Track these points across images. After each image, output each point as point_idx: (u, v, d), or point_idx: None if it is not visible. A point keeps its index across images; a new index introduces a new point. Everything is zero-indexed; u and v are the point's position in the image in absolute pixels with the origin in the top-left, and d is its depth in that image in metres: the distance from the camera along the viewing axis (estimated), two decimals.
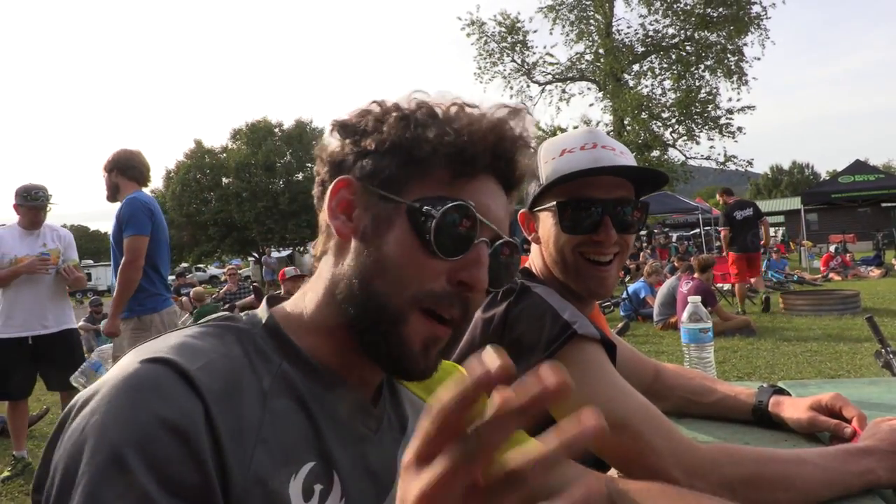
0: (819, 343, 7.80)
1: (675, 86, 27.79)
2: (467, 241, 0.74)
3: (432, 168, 0.75)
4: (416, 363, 0.75)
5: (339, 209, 0.78)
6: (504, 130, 0.77)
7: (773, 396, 1.43)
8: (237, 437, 0.63)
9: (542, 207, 1.32)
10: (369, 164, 0.76)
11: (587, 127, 1.26)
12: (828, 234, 28.14)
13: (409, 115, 0.77)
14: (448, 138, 0.74)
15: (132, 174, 4.07)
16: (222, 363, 0.67)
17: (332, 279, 0.78)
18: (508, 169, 0.80)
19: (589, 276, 1.28)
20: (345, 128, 0.80)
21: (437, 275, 0.73)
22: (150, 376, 0.62)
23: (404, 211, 0.74)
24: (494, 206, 0.78)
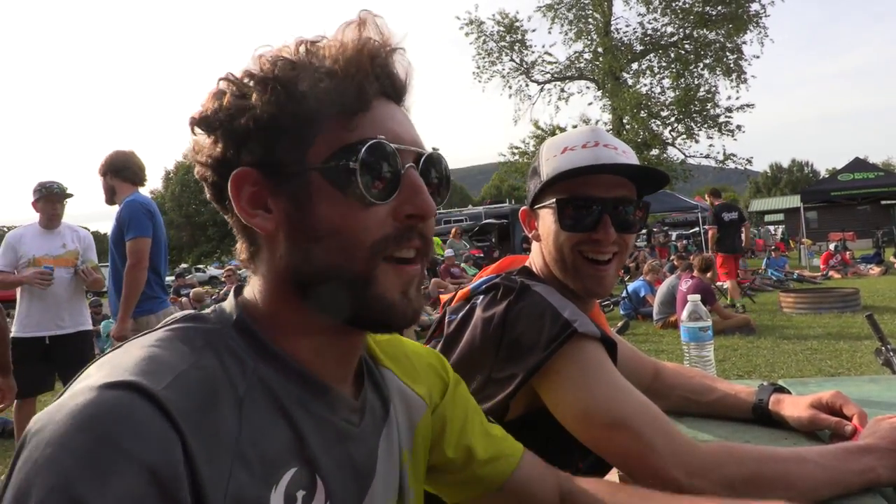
0: (819, 341, 7.80)
1: (673, 84, 27.79)
2: (395, 175, 0.70)
3: (323, 120, 0.69)
4: (402, 312, 0.72)
5: (250, 206, 0.71)
6: (370, 47, 0.71)
7: (774, 395, 1.43)
8: (215, 461, 0.58)
9: (543, 205, 1.32)
10: (256, 146, 0.69)
11: (590, 125, 1.26)
12: (827, 232, 28.15)
13: (269, 78, 0.69)
14: (323, 83, 0.68)
15: (126, 175, 4.05)
16: (194, 375, 0.61)
17: (275, 271, 0.73)
18: (392, 82, 0.74)
19: (587, 274, 1.28)
20: (206, 122, 0.71)
21: (382, 220, 0.70)
22: (115, 406, 0.54)
23: (319, 177, 0.69)
24: (400, 127, 0.73)
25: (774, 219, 48.80)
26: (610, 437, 1.10)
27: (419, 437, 0.92)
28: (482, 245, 19.22)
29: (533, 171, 1.36)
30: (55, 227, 4.65)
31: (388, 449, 0.83)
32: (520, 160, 28.97)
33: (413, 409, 0.91)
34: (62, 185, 4.62)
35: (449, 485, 0.99)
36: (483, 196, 67.05)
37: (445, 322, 1.34)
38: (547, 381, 1.16)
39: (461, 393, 1.02)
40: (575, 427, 1.13)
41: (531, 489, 0.98)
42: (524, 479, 0.98)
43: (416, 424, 0.91)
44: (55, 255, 4.58)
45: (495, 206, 24.33)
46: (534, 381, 1.16)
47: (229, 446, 0.60)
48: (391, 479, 0.83)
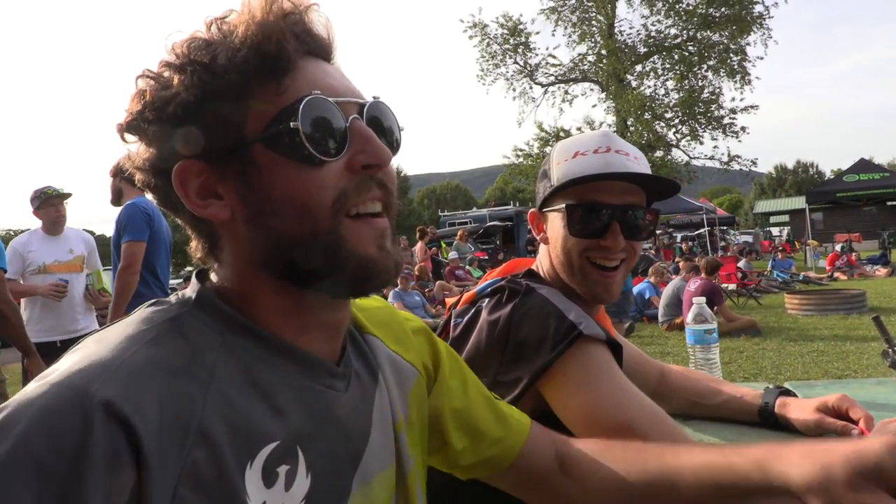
0: (825, 343, 7.78)
1: (677, 86, 27.71)
2: (341, 129, 0.68)
3: (251, 89, 0.66)
4: (382, 266, 0.70)
5: (200, 197, 0.69)
6: (279, 6, 0.67)
7: (780, 398, 1.42)
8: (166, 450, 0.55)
9: (552, 208, 1.32)
10: (190, 135, 0.66)
11: (603, 130, 1.24)
12: (833, 233, 28.03)
13: (186, 62, 0.66)
14: (241, 52, 0.65)
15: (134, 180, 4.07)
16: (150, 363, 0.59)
17: (245, 262, 0.71)
18: (314, 40, 0.72)
19: (594, 280, 1.28)
20: (134, 124, 0.69)
21: (338, 176, 0.68)
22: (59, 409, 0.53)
23: (262, 147, 0.66)
24: (335, 81, 0.71)
25: (780, 220, 48.66)
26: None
27: (414, 403, 0.89)
28: (486, 247, 19.22)
29: (543, 173, 1.36)
30: (60, 231, 4.63)
31: (381, 417, 0.81)
32: (524, 162, 28.91)
33: (404, 376, 0.88)
34: (57, 187, 4.61)
35: (457, 467, 0.98)
36: (487, 198, 67.07)
37: (451, 325, 1.34)
38: (552, 383, 1.15)
39: (457, 369, 1.00)
40: (580, 430, 1.13)
41: (536, 461, 0.98)
42: (530, 452, 0.98)
43: (408, 391, 0.88)
44: (64, 262, 4.57)
45: (499, 209, 24.34)
46: (539, 384, 1.16)
47: (186, 433, 0.57)
48: (387, 447, 0.81)
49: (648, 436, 1.07)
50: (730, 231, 32.48)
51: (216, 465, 0.58)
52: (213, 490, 0.58)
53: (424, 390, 0.93)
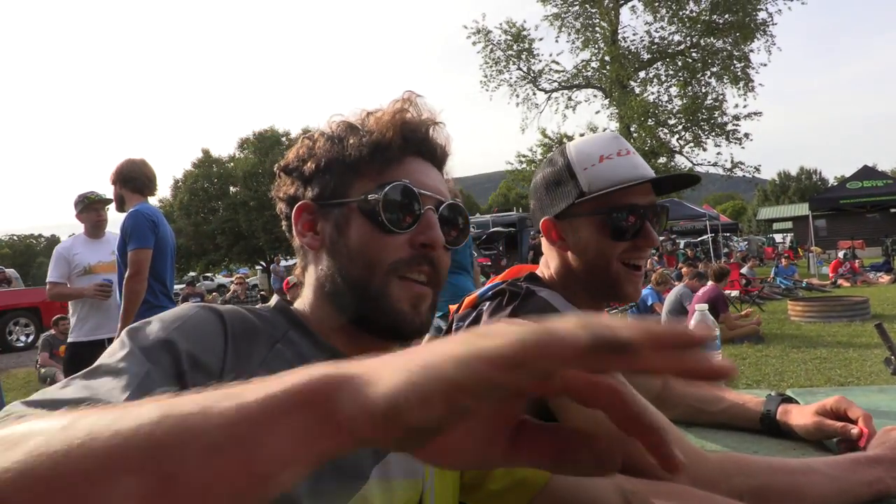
0: (828, 350, 7.76)
1: (681, 92, 27.77)
2: (414, 211, 0.87)
3: (363, 167, 0.88)
4: (410, 322, 0.86)
5: (304, 229, 0.92)
6: (403, 115, 0.90)
7: (782, 405, 1.42)
8: (239, 369, 0.76)
9: (580, 215, 1.30)
10: (315, 185, 0.91)
11: (610, 132, 1.25)
12: (836, 240, 28.01)
13: (331, 135, 0.91)
14: (365, 139, 0.88)
15: (135, 186, 4.07)
16: (242, 316, 0.83)
17: (318, 282, 0.91)
18: (426, 145, 0.92)
19: (628, 281, 1.29)
20: (287, 168, 0.94)
21: (400, 247, 0.86)
22: (193, 308, 0.80)
23: (355, 208, 0.87)
24: (428, 178, 0.90)
25: (783, 227, 48.60)
26: None
27: None
28: (489, 253, 19.21)
29: (557, 180, 1.32)
30: (102, 235, 4.76)
31: None
32: (527, 168, 28.93)
33: None
34: (99, 193, 4.69)
35: (494, 493, 0.99)
36: (490, 204, 67.09)
37: (453, 329, 1.35)
38: None
39: None
40: None
41: (581, 487, 0.98)
42: (570, 481, 0.98)
43: None
44: (108, 262, 4.67)
45: (503, 215, 24.34)
46: None
47: (252, 367, 0.77)
48: (412, 462, 0.87)
49: None
50: (732, 237, 32.45)
51: None
52: None
53: None
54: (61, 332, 10.15)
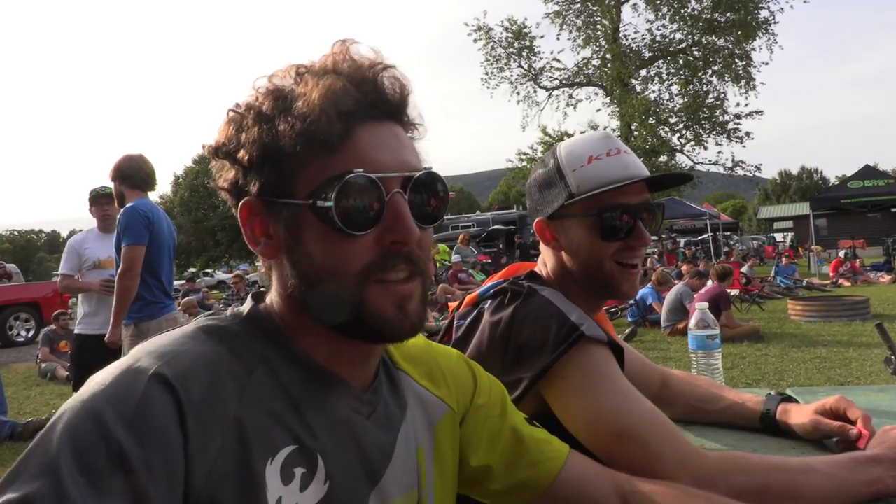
0: (828, 349, 7.76)
1: (682, 91, 27.75)
2: (375, 206, 0.72)
3: (303, 158, 0.73)
4: (398, 326, 0.75)
5: (256, 234, 0.78)
6: (334, 86, 0.72)
7: (781, 404, 1.42)
8: (207, 435, 0.64)
9: (571, 216, 1.29)
10: (255, 178, 0.75)
11: (601, 131, 1.24)
12: (837, 239, 27.99)
13: (258, 112, 0.74)
14: (296, 125, 0.72)
15: (133, 182, 4.06)
16: (200, 359, 0.68)
17: (284, 289, 0.78)
18: (376, 105, 0.76)
19: (624, 279, 1.29)
20: (219, 150, 0.77)
21: (367, 249, 0.73)
22: (132, 388, 0.63)
23: (307, 209, 0.73)
24: (386, 153, 0.75)
25: (783, 226, 48.60)
26: (617, 446, 1.09)
27: (441, 435, 0.93)
28: (490, 251, 19.22)
29: (548, 181, 1.32)
30: (112, 229, 4.72)
31: (406, 444, 0.85)
32: (528, 166, 28.88)
33: (431, 409, 0.93)
34: (109, 189, 4.71)
35: (495, 493, 0.99)
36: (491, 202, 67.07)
37: (454, 327, 1.35)
38: (553, 385, 1.15)
39: (495, 394, 1.03)
40: (581, 434, 1.13)
41: (582, 490, 0.98)
42: (573, 480, 0.97)
43: (435, 423, 0.93)
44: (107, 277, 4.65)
45: (503, 213, 24.36)
46: (540, 385, 1.16)
47: (224, 420, 0.66)
48: (410, 473, 0.85)
49: (649, 441, 1.07)
50: (732, 236, 32.44)
51: (244, 455, 0.66)
52: (238, 478, 0.65)
53: (456, 423, 0.96)
54: (62, 327, 10.16)
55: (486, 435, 0.97)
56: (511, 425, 1.00)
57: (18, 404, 7.37)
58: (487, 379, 1.04)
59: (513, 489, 0.98)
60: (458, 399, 0.98)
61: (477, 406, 0.99)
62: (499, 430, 0.98)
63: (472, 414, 0.98)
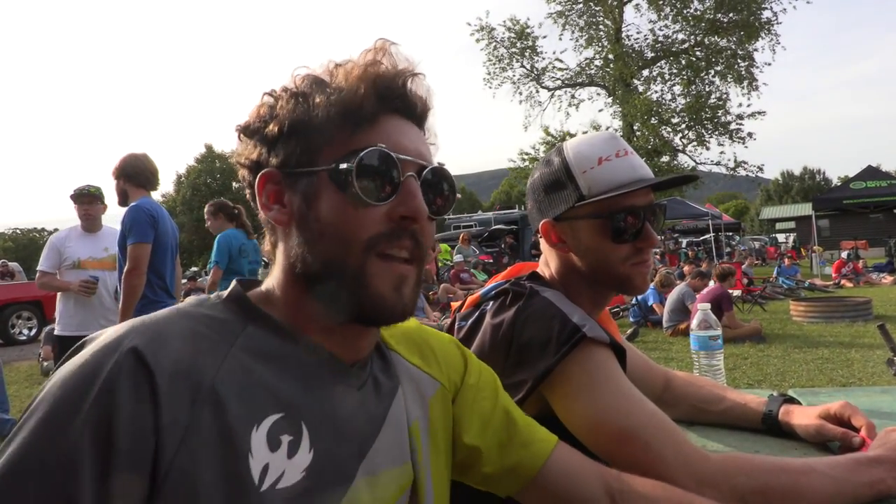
0: (830, 350, 7.75)
1: (684, 91, 27.70)
2: (392, 180, 0.78)
3: (332, 129, 0.78)
4: (392, 305, 0.79)
5: (270, 201, 0.82)
6: (376, 68, 0.80)
7: (784, 405, 1.42)
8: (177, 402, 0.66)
9: (580, 217, 1.29)
10: (279, 150, 0.80)
11: (608, 132, 1.24)
12: (839, 240, 27.97)
13: (294, 92, 0.81)
14: (332, 97, 0.78)
15: (138, 181, 4.07)
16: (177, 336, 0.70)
17: (287, 261, 0.81)
18: (403, 101, 0.83)
19: (636, 275, 1.30)
20: (247, 130, 0.83)
21: (377, 220, 0.77)
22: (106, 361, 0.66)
23: (325, 177, 0.78)
24: (407, 140, 0.81)
25: (786, 227, 48.52)
26: (619, 448, 1.09)
27: (434, 411, 0.95)
28: (491, 251, 19.20)
29: (556, 183, 1.31)
30: (96, 229, 4.76)
31: (397, 419, 0.88)
32: (530, 166, 28.85)
33: (423, 385, 0.95)
34: (94, 188, 4.70)
35: (488, 476, 0.99)
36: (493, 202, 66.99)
37: (455, 328, 1.35)
38: (556, 386, 1.15)
39: (486, 377, 1.05)
40: (584, 436, 1.13)
41: (571, 480, 0.98)
42: (562, 469, 0.98)
43: (427, 398, 0.95)
44: (99, 258, 4.69)
45: (505, 212, 24.34)
46: (543, 387, 1.16)
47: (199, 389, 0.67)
48: (401, 447, 0.87)
49: (651, 443, 1.07)
50: (735, 237, 32.40)
51: (221, 427, 0.67)
52: (218, 446, 0.66)
53: (448, 400, 0.99)
54: None
55: (477, 414, 0.99)
56: (503, 407, 1.02)
57: (20, 402, 7.37)
58: (478, 363, 1.06)
59: (505, 472, 0.98)
60: (449, 377, 1.00)
61: (468, 385, 1.01)
62: (491, 410, 1.00)
63: (463, 393, 1.00)
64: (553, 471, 0.98)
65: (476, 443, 0.97)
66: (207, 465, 0.65)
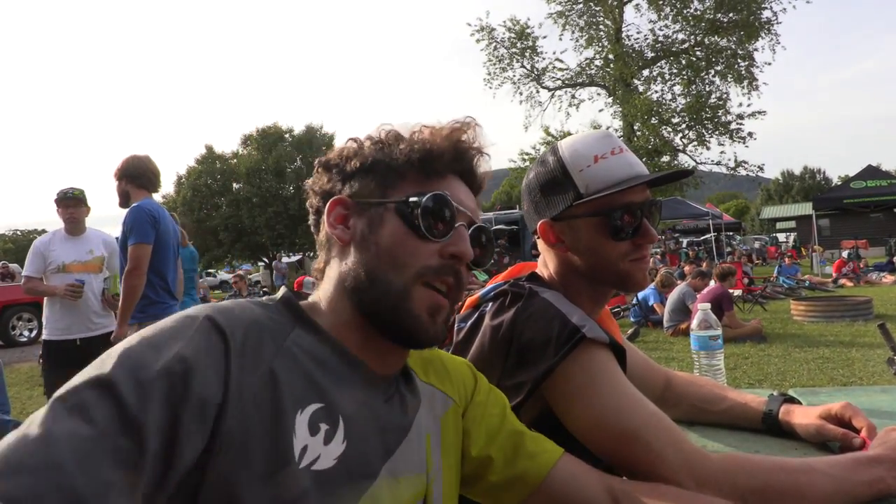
0: (831, 350, 7.75)
1: (684, 91, 27.69)
2: (450, 223, 0.89)
3: (407, 173, 0.91)
4: (425, 330, 0.88)
5: (336, 222, 0.92)
6: (460, 134, 0.94)
7: (784, 405, 1.42)
8: (247, 373, 0.74)
9: (579, 216, 1.29)
10: (356, 182, 0.92)
11: (602, 130, 1.24)
12: (840, 239, 27.96)
13: (381, 139, 0.94)
14: (416, 146, 0.91)
15: (141, 182, 4.08)
16: (247, 317, 0.80)
17: (340, 276, 0.91)
18: (470, 171, 0.98)
19: (636, 271, 1.30)
20: (327, 164, 0.96)
21: (430, 254, 0.88)
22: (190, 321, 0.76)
23: (393, 208, 0.89)
24: (466, 199, 0.94)
25: (786, 226, 48.50)
26: (620, 448, 1.09)
27: (446, 427, 1.01)
28: None
29: (553, 182, 1.31)
30: (79, 232, 4.71)
31: (419, 431, 0.94)
32: (530, 166, 28.85)
33: (437, 403, 1.02)
34: (77, 191, 4.66)
35: (494, 486, 1.02)
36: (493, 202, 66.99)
37: (455, 330, 1.35)
38: (556, 387, 1.15)
39: (495, 397, 1.10)
40: (584, 437, 1.13)
41: (575, 487, 1.01)
42: (566, 478, 1.01)
43: (440, 416, 1.01)
44: (83, 261, 4.65)
45: (505, 213, 24.31)
46: (543, 388, 1.16)
47: (261, 367, 0.76)
48: (420, 456, 0.92)
49: (652, 443, 1.07)
50: (735, 237, 32.40)
51: (275, 403, 0.75)
52: (270, 420, 0.74)
53: (459, 415, 1.05)
54: None
55: (484, 428, 1.04)
56: (511, 423, 1.06)
57: (21, 404, 7.37)
58: (488, 384, 1.12)
59: (511, 481, 1.01)
60: (460, 393, 1.07)
61: (476, 402, 1.07)
62: (498, 425, 1.05)
63: (471, 409, 1.06)
64: (558, 479, 1.01)
65: (483, 453, 1.02)
66: (260, 433, 0.73)
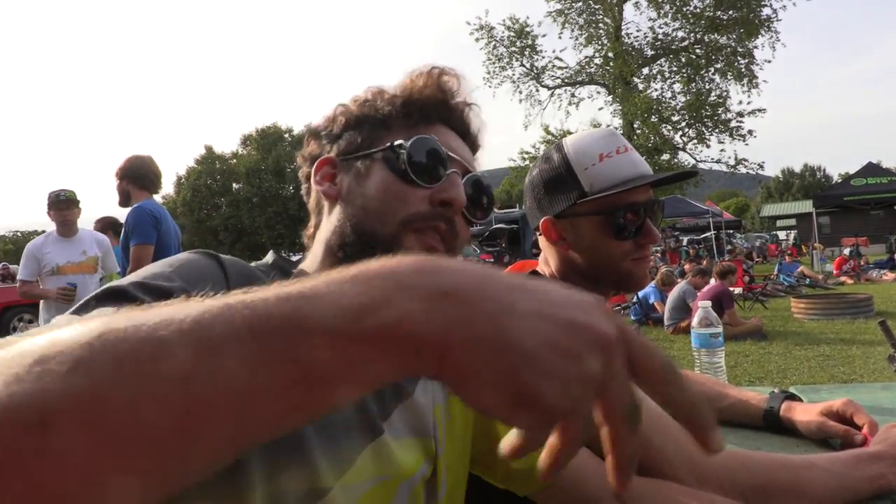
0: (831, 347, 7.75)
1: (684, 89, 27.68)
2: (440, 169, 0.85)
3: (393, 123, 0.88)
4: None
5: (324, 180, 0.90)
6: (441, 74, 0.90)
7: (785, 402, 1.42)
8: None
9: (582, 214, 1.29)
10: (342, 142, 0.90)
11: (607, 128, 1.25)
12: (840, 237, 27.95)
13: (364, 98, 0.91)
14: (396, 100, 0.88)
15: (143, 183, 4.09)
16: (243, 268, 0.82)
17: (326, 236, 0.88)
18: (460, 118, 0.92)
19: (637, 269, 1.30)
20: (315, 132, 0.95)
21: (419, 200, 0.83)
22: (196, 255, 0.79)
23: (380, 157, 0.86)
24: (457, 146, 0.90)
25: (786, 224, 48.51)
26: None
27: (456, 405, 0.98)
28: (492, 250, 19.21)
29: (556, 180, 1.31)
30: (72, 234, 4.72)
31: (423, 395, 0.92)
32: (530, 165, 28.73)
33: None
34: (70, 193, 4.67)
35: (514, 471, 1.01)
36: None
37: None
38: None
39: None
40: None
41: (587, 479, 1.00)
42: (576, 470, 1.00)
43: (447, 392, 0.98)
44: (77, 262, 4.66)
45: (505, 212, 24.33)
46: None
47: None
48: (422, 423, 0.90)
49: (652, 441, 1.07)
50: (735, 235, 32.40)
51: None
52: None
53: None
54: None
55: None
56: None
57: None
58: None
59: (530, 469, 0.99)
60: None
61: None
62: None
63: None
64: (566, 479, 1.00)
65: (500, 433, 0.98)
66: None
